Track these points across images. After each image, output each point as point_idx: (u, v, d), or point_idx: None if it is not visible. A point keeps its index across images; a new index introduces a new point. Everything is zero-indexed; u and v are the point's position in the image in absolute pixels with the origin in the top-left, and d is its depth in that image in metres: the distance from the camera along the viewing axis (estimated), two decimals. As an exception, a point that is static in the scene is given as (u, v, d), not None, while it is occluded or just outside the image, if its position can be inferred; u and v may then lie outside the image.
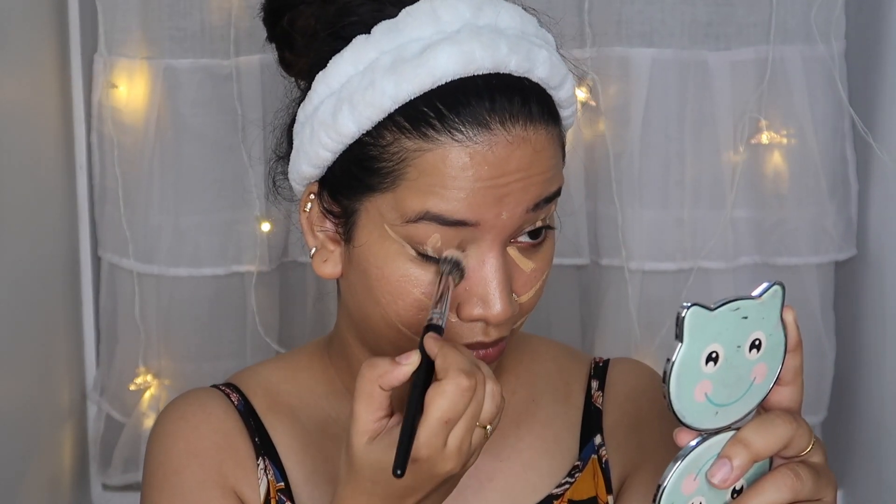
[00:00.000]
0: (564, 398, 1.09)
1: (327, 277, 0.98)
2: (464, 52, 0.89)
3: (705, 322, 0.78)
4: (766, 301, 0.80)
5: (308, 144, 0.94)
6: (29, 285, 1.63)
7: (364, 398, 0.86)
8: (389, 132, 0.90)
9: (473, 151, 0.88)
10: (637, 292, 1.80)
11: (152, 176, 1.78)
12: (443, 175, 0.89)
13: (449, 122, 0.89)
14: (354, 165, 0.93)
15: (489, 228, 0.90)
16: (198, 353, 1.83)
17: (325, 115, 0.92)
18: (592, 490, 1.06)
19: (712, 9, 1.75)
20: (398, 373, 0.86)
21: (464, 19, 0.91)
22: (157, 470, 1.03)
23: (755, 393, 0.83)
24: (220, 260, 1.81)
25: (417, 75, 0.89)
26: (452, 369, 0.84)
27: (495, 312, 0.91)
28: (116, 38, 1.76)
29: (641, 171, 1.77)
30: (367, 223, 0.93)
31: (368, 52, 0.91)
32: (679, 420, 0.81)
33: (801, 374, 0.85)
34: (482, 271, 0.91)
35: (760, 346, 0.81)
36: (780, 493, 0.81)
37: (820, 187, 1.78)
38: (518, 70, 0.91)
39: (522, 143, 0.90)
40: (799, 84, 1.76)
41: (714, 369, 0.80)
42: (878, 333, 1.74)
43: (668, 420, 1.09)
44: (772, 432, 0.82)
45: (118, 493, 1.87)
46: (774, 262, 1.81)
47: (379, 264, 0.92)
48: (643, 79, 1.75)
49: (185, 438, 1.03)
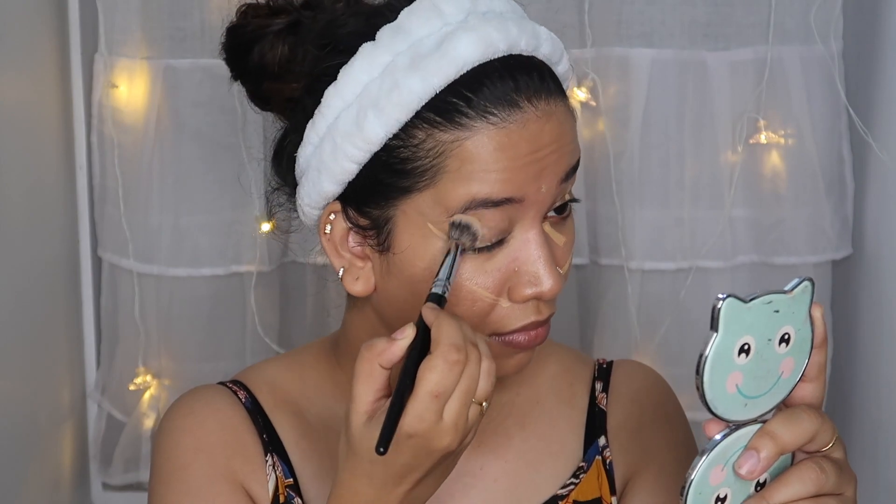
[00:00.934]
0: (569, 399, 1.10)
1: (360, 295, 0.97)
2: (482, 38, 0.90)
3: (740, 314, 0.79)
4: (796, 296, 0.82)
5: (331, 160, 0.93)
6: (29, 285, 1.63)
7: (363, 377, 0.86)
8: (420, 130, 0.90)
9: (509, 131, 0.90)
10: (637, 291, 1.80)
11: (152, 176, 1.78)
12: (484, 159, 0.89)
13: (481, 106, 0.89)
14: (384, 171, 0.92)
15: (531, 204, 0.91)
16: (197, 353, 1.83)
17: (348, 125, 0.92)
18: (597, 491, 1.07)
19: (711, 9, 1.76)
20: (395, 348, 0.85)
21: (465, 9, 0.92)
22: (165, 465, 1.03)
23: (782, 387, 0.84)
24: (220, 260, 1.81)
25: (441, 67, 0.89)
26: (443, 343, 0.84)
27: (548, 287, 0.92)
28: (116, 38, 1.76)
29: (641, 171, 1.78)
30: (406, 226, 0.92)
31: (381, 56, 0.91)
32: (710, 410, 0.82)
33: (825, 370, 0.86)
34: (527, 250, 0.92)
35: (789, 341, 0.82)
36: (805, 486, 0.82)
37: (817, 187, 1.78)
38: (527, 49, 0.92)
39: (550, 117, 0.91)
40: (797, 84, 1.76)
41: (746, 361, 0.81)
42: (874, 332, 1.74)
43: (670, 423, 1.10)
44: (798, 426, 0.82)
45: (118, 493, 1.87)
46: (772, 262, 1.82)
47: (426, 266, 0.92)
48: (643, 79, 1.75)
49: (193, 433, 1.03)
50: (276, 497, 1.03)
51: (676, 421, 1.11)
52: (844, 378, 1.83)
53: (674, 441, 1.09)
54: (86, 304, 1.82)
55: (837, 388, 1.85)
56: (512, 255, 0.92)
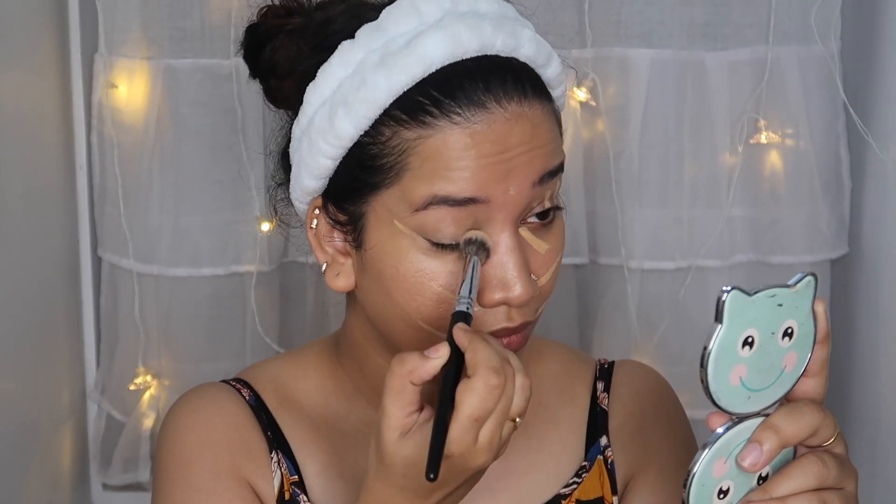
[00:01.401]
0: (571, 399, 1.10)
1: (341, 290, 0.98)
2: (450, 36, 0.90)
3: (744, 306, 0.80)
4: (800, 290, 0.82)
5: (308, 156, 0.95)
6: (29, 285, 1.63)
7: (394, 394, 0.85)
8: (387, 127, 0.91)
9: (473, 132, 0.89)
10: (636, 291, 1.80)
11: (152, 176, 1.78)
12: (446, 158, 0.89)
13: (445, 106, 0.89)
14: (357, 168, 0.93)
15: (499, 206, 0.90)
16: (197, 353, 1.83)
17: (322, 122, 0.93)
18: (599, 490, 1.07)
19: (710, 10, 1.76)
20: (429, 367, 0.85)
21: (444, 9, 0.92)
22: (170, 462, 1.03)
23: (785, 381, 0.85)
24: (220, 260, 1.81)
25: (408, 65, 0.90)
26: (482, 366, 0.83)
27: (517, 294, 0.91)
28: (116, 38, 1.77)
29: (640, 171, 1.78)
30: (375, 223, 0.93)
31: (356, 53, 0.92)
32: (714, 402, 0.82)
33: (826, 366, 0.87)
34: (497, 254, 0.91)
35: (792, 335, 0.83)
36: (807, 479, 0.83)
37: (814, 186, 1.79)
38: (504, 49, 0.92)
39: (520, 119, 0.90)
40: (795, 84, 1.77)
41: (749, 353, 0.81)
42: (872, 331, 1.75)
43: (671, 422, 1.11)
44: (801, 419, 0.83)
45: (118, 493, 1.87)
46: (769, 261, 1.82)
47: (393, 262, 0.92)
48: (642, 79, 1.75)
49: (197, 430, 1.03)
50: (282, 494, 1.03)
51: (677, 421, 1.11)
52: (842, 377, 1.84)
53: (674, 441, 1.09)
54: (86, 304, 1.83)
55: (835, 386, 1.85)
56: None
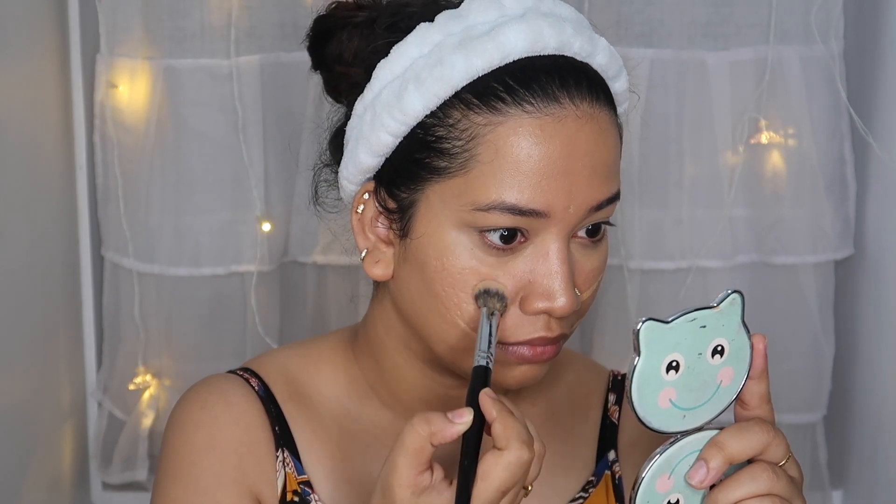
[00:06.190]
0: (583, 413, 1.09)
1: (378, 279, 0.98)
2: (532, 30, 0.90)
3: (661, 335, 0.81)
4: (723, 310, 0.83)
5: (369, 131, 0.94)
6: (29, 285, 1.64)
7: (411, 452, 0.84)
8: (457, 110, 0.91)
9: (543, 123, 0.89)
10: (636, 291, 1.80)
11: (153, 176, 1.78)
12: (515, 153, 0.89)
13: (519, 94, 0.90)
14: (420, 149, 0.93)
15: (557, 221, 0.90)
16: (198, 352, 1.83)
17: (389, 97, 0.93)
18: None
19: (711, 9, 1.76)
20: (452, 431, 0.84)
21: (526, 6, 0.93)
22: (175, 459, 1.02)
23: (723, 394, 0.86)
24: (220, 260, 1.81)
25: (487, 50, 0.90)
26: (514, 440, 0.83)
27: (560, 304, 0.90)
28: (117, 39, 1.77)
29: (640, 171, 1.78)
30: (426, 213, 0.93)
31: (434, 35, 0.93)
32: (645, 426, 0.84)
33: (767, 400, 0.87)
34: (547, 263, 0.91)
35: (723, 352, 0.84)
36: (756, 485, 0.84)
37: (818, 187, 1.78)
38: (581, 53, 0.93)
39: (590, 120, 0.91)
40: (797, 84, 1.76)
41: (676, 377, 0.83)
42: (875, 332, 1.74)
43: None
44: (747, 438, 0.84)
45: (118, 492, 1.87)
46: (772, 261, 1.82)
47: (439, 255, 0.92)
48: (642, 79, 1.75)
49: (205, 429, 1.01)
50: (284, 495, 1.02)
51: None
52: (846, 378, 1.83)
53: None
54: (86, 304, 1.83)
55: (838, 387, 1.85)
56: (530, 264, 0.92)
